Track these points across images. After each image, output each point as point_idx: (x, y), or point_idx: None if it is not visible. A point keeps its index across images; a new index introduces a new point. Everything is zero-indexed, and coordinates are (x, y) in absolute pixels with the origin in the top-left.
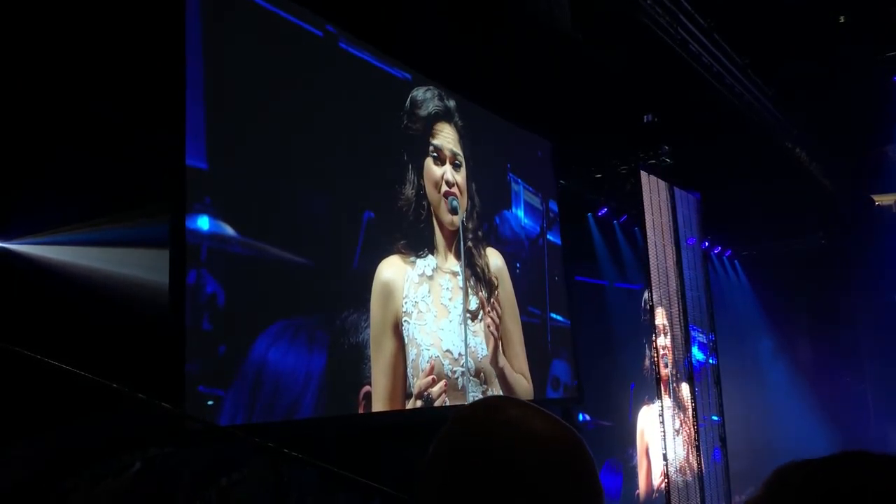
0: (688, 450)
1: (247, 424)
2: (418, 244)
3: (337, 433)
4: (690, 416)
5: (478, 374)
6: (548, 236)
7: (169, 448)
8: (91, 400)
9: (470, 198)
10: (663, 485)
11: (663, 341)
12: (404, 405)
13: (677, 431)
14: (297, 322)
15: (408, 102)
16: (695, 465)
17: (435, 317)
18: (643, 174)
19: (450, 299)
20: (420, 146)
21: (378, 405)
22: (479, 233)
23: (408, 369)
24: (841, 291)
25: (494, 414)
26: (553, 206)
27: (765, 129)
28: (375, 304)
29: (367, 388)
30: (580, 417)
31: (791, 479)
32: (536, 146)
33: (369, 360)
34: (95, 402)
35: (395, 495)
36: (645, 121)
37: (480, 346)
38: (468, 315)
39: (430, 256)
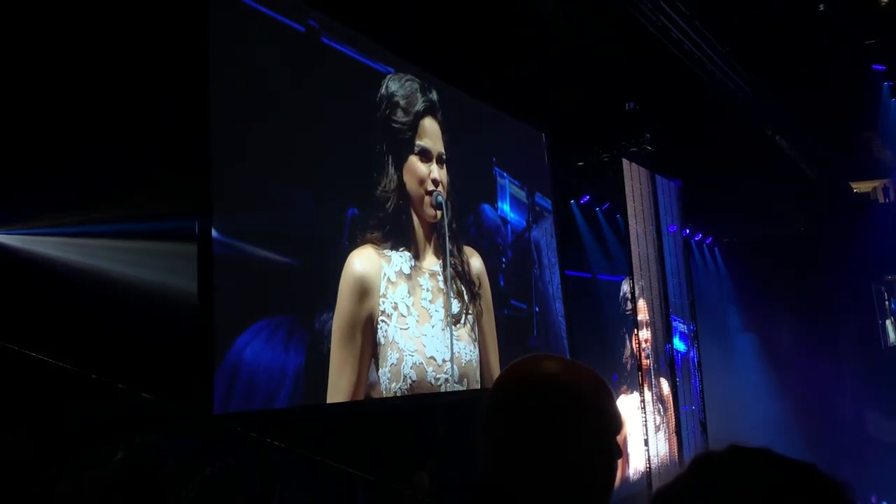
0: (669, 443)
1: (228, 413)
2: (394, 237)
3: (321, 422)
4: (671, 408)
5: (461, 379)
6: (534, 230)
7: (153, 437)
8: (74, 390)
9: (448, 192)
10: (644, 472)
11: (645, 334)
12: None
13: (658, 427)
14: (276, 321)
15: (384, 90)
16: (676, 457)
17: (417, 321)
18: (625, 162)
19: (430, 301)
20: (401, 138)
21: (337, 398)
22: (455, 225)
23: (384, 370)
24: (819, 278)
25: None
26: (540, 199)
27: (745, 117)
28: (346, 297)
29: None
30: None
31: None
32: (525, 137)
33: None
34: (79, 393)
35: (380, 483)
36: (627, 108)
37: (464, 350)
38: (451, 319)
39: (406, 252)
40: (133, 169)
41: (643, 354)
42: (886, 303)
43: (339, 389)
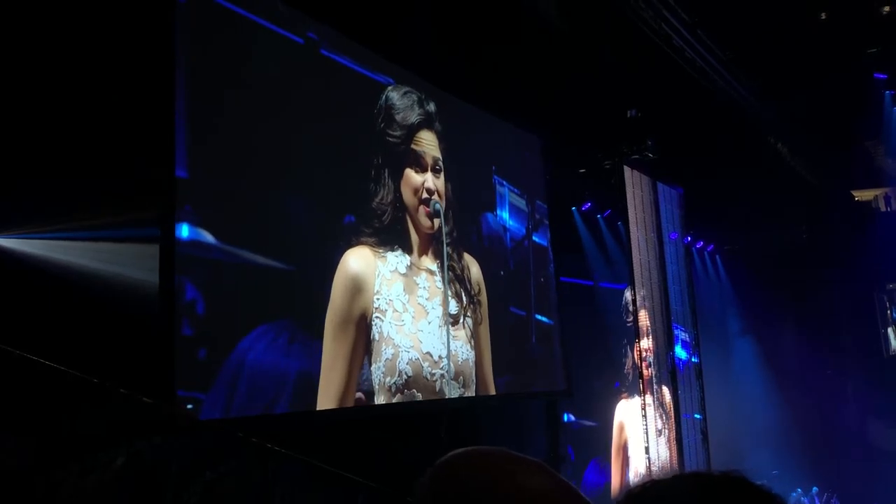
0: (670, 451)
1: (228, 419)
2: (391, 243)
3: (321, 426)
4: (672, 416)
5: (457, 377)
6: (534, 237)
7: (155, 442)
8: (76, 395)
9: (448, 201)
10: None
11: (647, 343)
12: (353, 397)
13: (660, 432)
14: (277, 326)
15: (382, 102)
16: (676, 465)
17: (413, 317)
18: (626, 169)
19: (427, 299)
20: (398, 151)
21: (329, 392)
22: (455, 234)
23: (378, 365)
24: (821, 286)
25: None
26: (541, 206)
27: (747, 124)
28: (340, 294)
29: None
30: (565, 418)
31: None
32: (524, 144)
33: None
34: (80, 398)
35: (380, 489)
36: (629, 115)
37: (461, 349)
38: (449, 319)
39: (403, 254)
40: (135, 174)
41: (644, 363)
42: (888, 311)
43: (330, 383)
